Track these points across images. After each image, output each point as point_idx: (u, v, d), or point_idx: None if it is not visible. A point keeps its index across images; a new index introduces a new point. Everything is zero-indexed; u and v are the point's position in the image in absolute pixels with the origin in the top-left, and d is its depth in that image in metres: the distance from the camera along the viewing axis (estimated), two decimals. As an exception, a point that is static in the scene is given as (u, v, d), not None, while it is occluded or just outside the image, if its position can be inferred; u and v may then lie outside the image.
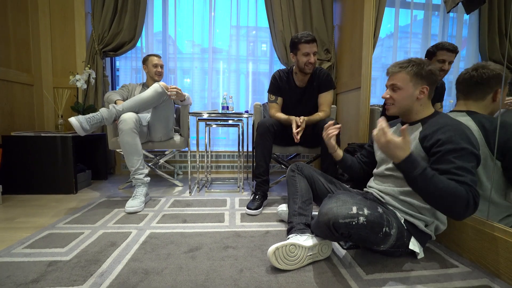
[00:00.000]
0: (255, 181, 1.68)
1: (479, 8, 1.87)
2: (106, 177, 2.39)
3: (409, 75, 1.00)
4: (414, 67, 0.99)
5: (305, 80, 1.76)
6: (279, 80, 1.79)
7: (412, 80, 1.00)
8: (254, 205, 1.55)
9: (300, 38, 1.62)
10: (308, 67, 1.65)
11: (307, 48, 1.61)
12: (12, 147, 1.85)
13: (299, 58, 1.65)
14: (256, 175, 1.67)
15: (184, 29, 2.66)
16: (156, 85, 1.71)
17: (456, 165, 0.85)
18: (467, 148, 0.86)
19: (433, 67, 1.00)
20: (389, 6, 2.15)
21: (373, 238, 0.89)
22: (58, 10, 2.38)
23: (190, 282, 0.87)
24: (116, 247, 1.10)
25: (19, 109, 2.17)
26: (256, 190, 1.66)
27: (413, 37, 2.25)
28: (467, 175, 0.84)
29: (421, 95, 1.00)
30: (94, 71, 2.30)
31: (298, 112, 1.72)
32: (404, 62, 1.02)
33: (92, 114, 1.56)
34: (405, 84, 1.01)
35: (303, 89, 1.79)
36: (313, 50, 1.63)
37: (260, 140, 1.63)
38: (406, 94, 1.01)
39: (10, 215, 1.49)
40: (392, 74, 1.04)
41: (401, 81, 1.01)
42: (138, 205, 1.55)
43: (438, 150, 0.89)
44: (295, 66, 1.75)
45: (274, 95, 1.81)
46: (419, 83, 0.99)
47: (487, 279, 0.91)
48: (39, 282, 0.86)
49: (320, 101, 1.77)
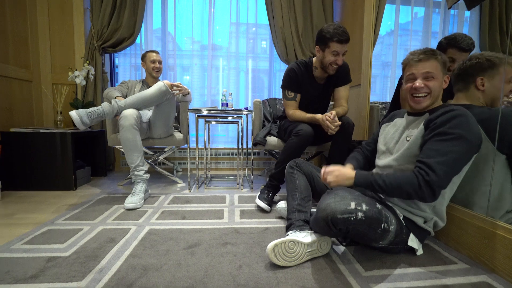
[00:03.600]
0: (273, 182, 1.60)
1: (479, 6, 1.86)
2: (106, 173, 2.39)
3: (440, 64, 0.96)
4: (440, 56, 0.96)
5: (325, 76, 1.62)
6: (299, 75, 1.60)
7: (442, 69, 0.97)
8: (267, 201, 1.52)
9: (332, 35, 1.40)
10: (332, 67, 1.50)
11: (338, 48, 1.42)
12: (11, 143, 1.85)
13: (326, 55, 1.47)
14: (276, 178, 1.59)
15: (183, 25, 2.64)
16: (160, 83, 1.70)
17: (432, 146, 0.88)
18: (456, 133, 0.85)
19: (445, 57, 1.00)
20: (389, 3, 2.14)
21: (371, 234, 0.89)
22: (57, 5, 2.36)
23: (189, 278, 0.87)
24: (115, 243, 1.10)
25: (18, 105, 2.16)
26: (269, 188, 1.60)
27: (414, 35, 2.24)
28: (435, 157, 0.85)
29: (445, 84, 0.99)
30: (93, 68, 2.30)
31: (315, 110, 1.63)
32: (427, 50, 0.97)
33: (93, 108, 1.55)
34: (438, 72, 0.96)
35: (322, 85, 1.64)
36: (344, 50, 1.45)
37: (298, 150, 1.50)
38: (439, 83, 0.97)
39: (10, 211, 1.48)
40: (422, 61, 0.96)
41: (434, 68, 0.95)
42: (137, 201, 1.55)
43: (430, 131, 0.91)
44: (317, 60, 1.57)
45: (293, 91, 1.62)
46: (444, 72, 0.98)
47: (486, 275, 0.91)
48: (38, 277, 0.86)
49: (338, 96, 1.63)
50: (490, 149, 0.98)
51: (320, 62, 1.55)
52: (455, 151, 0.85)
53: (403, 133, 1.04)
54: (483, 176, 1.01)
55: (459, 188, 1.04)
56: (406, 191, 0.88)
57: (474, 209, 1.05)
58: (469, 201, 1.07)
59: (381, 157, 1.13)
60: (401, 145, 1.02)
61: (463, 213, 1.07)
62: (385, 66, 2.41)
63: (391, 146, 1.08)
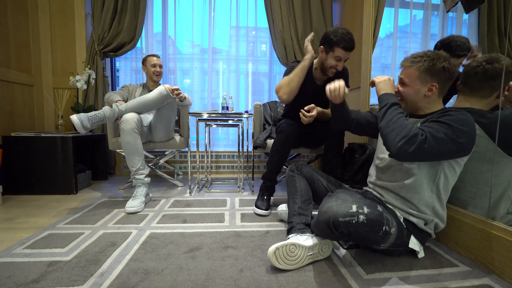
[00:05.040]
0: (265, 183, 1.63)
1: (478, 8, 1.87)
2: (106, 177, 2.39)
3: (418, 71, 0.96)
4: (425, 63, 0.95)
5: (324, 78, 1.62)
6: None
7: (421, 77, 0.97)
8: (264, 206, 1.53)
9: (339, 40, 1.39)
10: (331, 71, 1.51)
11: (342, 54, 1.43)
12: (13, 147, 1.85)
13: (329, 58, 1.48)
14: (268, 178, 1.62)
15: (184, 29, 2.66)
16: (161, 87, 1.71)
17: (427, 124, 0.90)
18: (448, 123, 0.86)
19: (447, 64, 0.94)
20: (388, 6, 2.15)
21: (373, 237, 0.89)
22: (58, 11, 2.38)
23: (190, 282, 0.87)
24: (116, 247, 1.10)
25: (19, 109, 2.17)
26: (263, 192, 1.63)
27: (413, 37, 2.25)
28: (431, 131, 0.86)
29: (429, 92, 0.97)
30: (94, 72, 2.31)
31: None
32: (418, 56, 0.98)
33: (94, 112, 1.55)
34: (411, 80, 0.99)
35: (320, 86, 1.64)
36: (346, 57, 1.48)
37: (281, 146, 1.54)
38: (412, 91, 0.99)
39: (11, 215, 1.49)
40: (402, 67, 1.02)
41: (408, 76, 0.99)
42: (138, 205, 1.55)
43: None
44: (318, 61, 1.58)
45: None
46: (428, 80, 0.96)
47: (488, 278, 0.91)
48: (40, 282, 0.86)
49: None
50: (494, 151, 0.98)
51: (321, 63, 1.56)
52: (444, 132, 0.85)
53: None
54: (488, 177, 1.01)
55: (462, 189, 1.04)
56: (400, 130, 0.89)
57: (475, 210, 1.05)
58: (472, 202, 1.07)
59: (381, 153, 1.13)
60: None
61: (464, 215, 1.07)
62: (384, 68, 2.42)
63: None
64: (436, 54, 0.96)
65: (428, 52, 0.98)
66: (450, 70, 0.95)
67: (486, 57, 1.03)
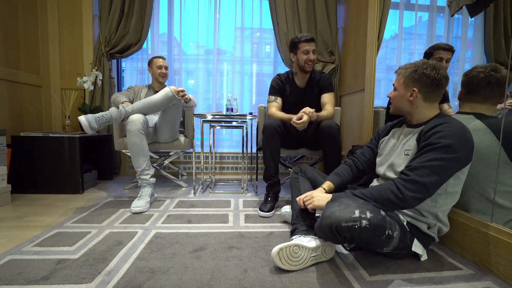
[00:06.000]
0: (267, 183, 1.67)
1: (484, 10, 1.86)
2: (112, 177, 2.42)
3: (403, 77, 1.05)
4: (408, 70, 1.04)
5: (305, 79, 1.83)
6: (280, 82, 1.86)
7: (405, 83, 1.05)
8: (266, 207, 1.55)
9: (299, 38, 1.71)
10: (308, 64, 1.72)
11: (306, 46, 1.69)
12: (21, 147, 1.89)
13: (299, 56, 1.73)
14: (266, 177, 1.66)
15: (189, 30, 2.68)
16: (167, 89, 1.73)
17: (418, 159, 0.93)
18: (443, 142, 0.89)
19: (429, 70, 0.98)
20: (393, 8, 2.15)
21: (376, 241, 0.90)
22: (67, 13, 2.42)
23: (195, 281, 0.89)
24: (122, 246, 1.12)
25: (28, 110, 2.22)
26: (268, 191, 1.66)
27: (418, 39, 2.24)
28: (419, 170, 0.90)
29: (411, 97, 1.03)
30: (101, 73, 2.34)
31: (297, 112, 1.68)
32: (407, 64, 1.06)
33: (101, 113, 1.58)
34: (398, 85, 1.08)
35: (304, 89, 1.84)
36: (312, 48, 1.71)
37: (268, 141, 1.60)
38: (398, 95, 1.07)
39: (20, 214, 1.52)
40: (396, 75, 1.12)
41: (396, 82, 1.09)
42: (143, 205, 1.57)
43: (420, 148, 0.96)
44: (295, 66, 1.82)
45: (273, 95, 1.84)
46: (410, 85, 1.03)
47: (491, 281, 0.91)
48: (49, 279, 0.88)
49: (324, 101, 1.80)
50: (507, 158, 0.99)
51: (297, 65, 1.79)
52: (439, 159, 0.89)
53: (402, 146, 1.07)
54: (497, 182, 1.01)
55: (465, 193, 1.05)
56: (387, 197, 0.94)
57: (479, 215, 1.05)
58: (476, 207, 1.07)
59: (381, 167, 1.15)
60: (401, 160, 1.04)
61: (468, 218, 1.07)
62: (389, 69, 2.41)
63: (392, 159, 1.09)
64: (422, 62, 1.02)
65: (417, 62, 1.04)
66: (431, 76, 0.99)
67: (489, 67, 1.07)
